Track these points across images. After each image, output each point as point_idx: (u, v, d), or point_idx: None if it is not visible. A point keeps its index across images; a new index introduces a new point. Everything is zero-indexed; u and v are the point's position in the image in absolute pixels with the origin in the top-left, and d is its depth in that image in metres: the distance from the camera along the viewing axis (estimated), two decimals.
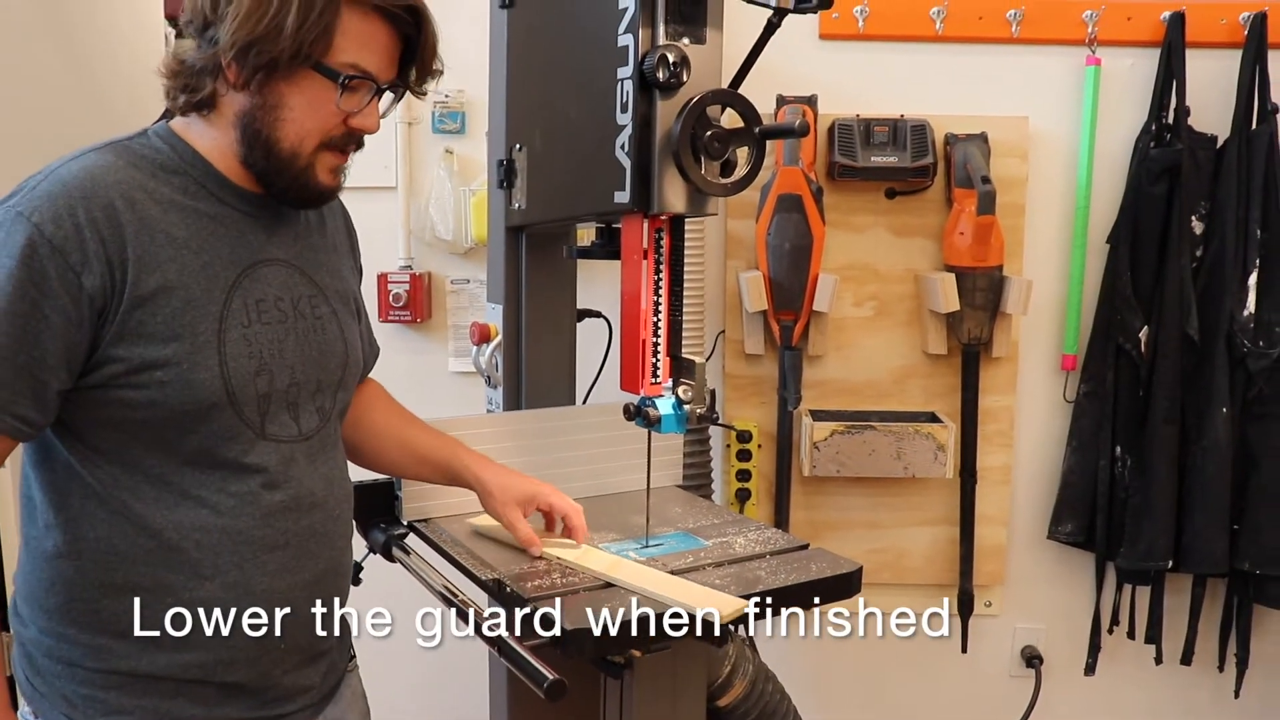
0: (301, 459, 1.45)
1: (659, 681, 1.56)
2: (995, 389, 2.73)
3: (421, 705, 2.94)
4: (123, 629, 1.35)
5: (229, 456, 1.37)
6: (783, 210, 2.51)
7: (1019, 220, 2.68)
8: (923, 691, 2.94)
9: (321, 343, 1.48)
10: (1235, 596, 2.77)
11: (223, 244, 1.38)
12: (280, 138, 1.37)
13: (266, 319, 1.40)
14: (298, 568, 1.44)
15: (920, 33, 2.64)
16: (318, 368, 1.47)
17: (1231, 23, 2.60)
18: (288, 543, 1.42)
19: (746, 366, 2.73)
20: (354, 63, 1.36)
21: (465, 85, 2.66)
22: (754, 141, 1.50)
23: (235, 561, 1.38)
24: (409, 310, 2.69)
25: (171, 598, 1.35)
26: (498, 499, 1.68)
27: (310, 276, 1.49)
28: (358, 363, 1.57)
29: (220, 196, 1.40)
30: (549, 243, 2.03)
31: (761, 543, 1.71)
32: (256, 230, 1.43)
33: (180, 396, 1.31)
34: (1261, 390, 2.61)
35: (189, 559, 1.35)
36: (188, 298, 1.32)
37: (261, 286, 1.41)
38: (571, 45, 1.70)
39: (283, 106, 1.36)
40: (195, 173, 1.39)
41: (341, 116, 1.39)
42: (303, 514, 1.44)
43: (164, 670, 1.37)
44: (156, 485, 1.34)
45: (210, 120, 1.39)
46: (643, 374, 1.58)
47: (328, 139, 1.40)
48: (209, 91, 1.36)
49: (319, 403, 1.48)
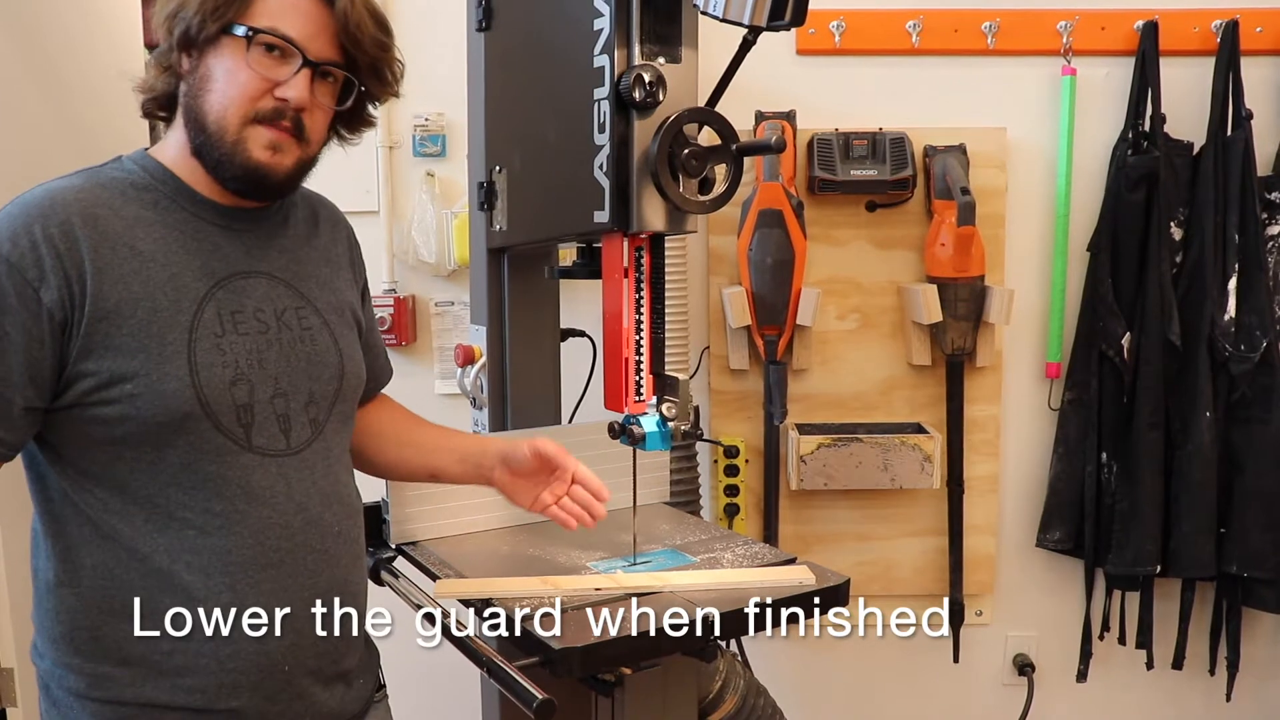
0: (295, 473, 1.41)
1: (650, 699, 1.56)
2: (980, 398, 2.74)
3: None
4: (124, 656, 1.34)
5: (212, 470, 1.34)
6: (764, 225, 2.52)
7: (999, 230, 2.69)
8: (915, 702, 2.94)
9: (311, 353, 1.45)
10: (1224, 600, 2.77)
11: (194, 257, 1.37)
12: (207, 110, 1.35)
13: (244, 329, 1.39)
14: (295, 586, 1.40)
15: (897, 46, 2.66)
16: (307, 378, 1.44)
17: (1204, 31, 2.62)
18: (282, 560, 1.39)
19: (732, 382, 2.74)
20: (272, 27, 1.34)
21: (445, 108, 2.67)
22: (732, 158, 1.51)
23: (227, 582, 1.35)
24: (394, 333, 2.69)
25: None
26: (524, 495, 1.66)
27: (296, 289, 1.47)
28: (357, 375, 1.54)
29: (193, 211, 1.39)
30: (531, 263, 2.04)
31: (749, 557, 1.71)
32: (234, 243, 1.42)
33: (152, 408, 1.30)
34: (1244, 394, 2.62)
35: (181, 582, 1.33)
36: (154, 309, 1.31)
37: (239, 298, 1.39)
38: (548, 67, 1.71)
39: (209, 78, 1.35)
40: (166, 188, 1.39)
41: (267, 85, 1.35)
42: (297, 531, 1.41)
43: (168, 698, 1.35)
44: (145, 507, 1.33)
45: (174, 126, 1.41)
46: (626, 392, 1.58)
47: (254, 110, 1.36)
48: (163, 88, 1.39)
49: (312, 414, 1.45)
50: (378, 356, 1.72)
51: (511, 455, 1.64)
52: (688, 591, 1.55)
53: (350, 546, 1.51)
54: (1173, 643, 2.80)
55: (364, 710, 1.59)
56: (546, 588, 1.56)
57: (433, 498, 1.84)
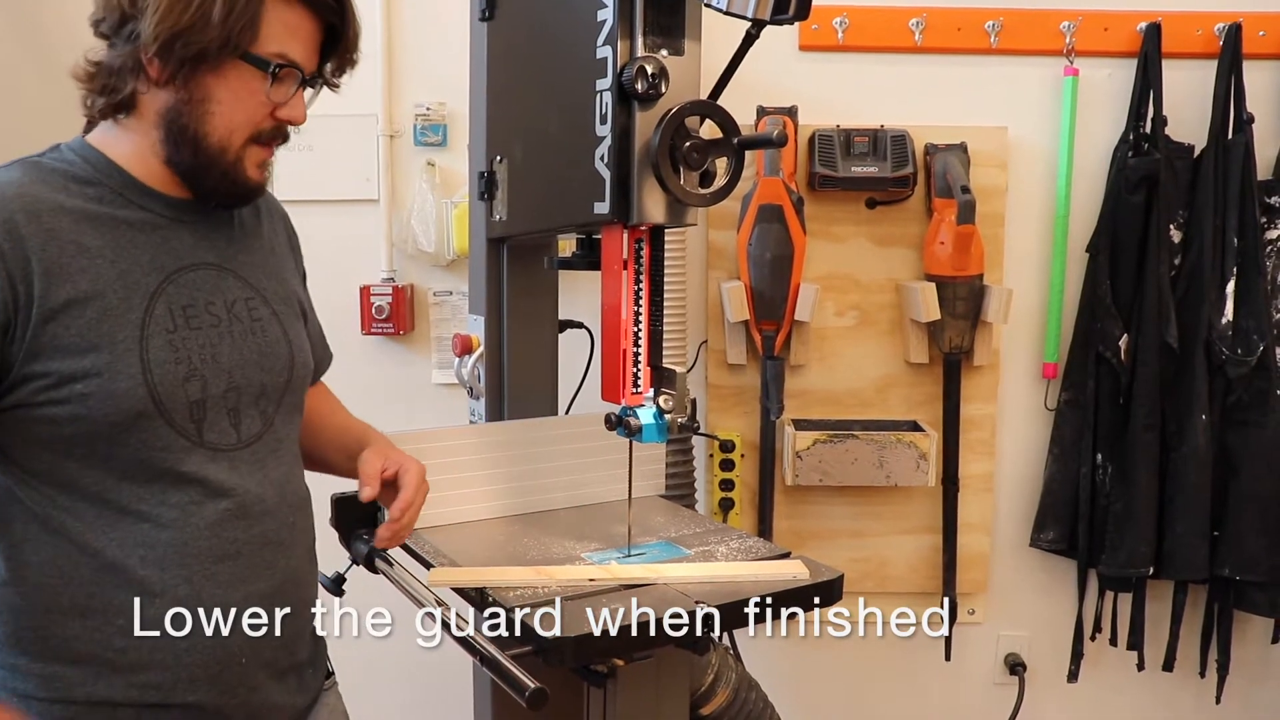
0: (245, 465, 1.41)
1: (642, 690, 1.57)
2: (977, 397, 2.75)
3: (400, 717, 2.93)
4: (73, 655, 1.32)
5: (165, 467, 1.33)
6: (764, 220, 2.52)
7: (999, 229, 2.69)
8: (907, 700, 2.95)
9: (262, 345, 1.44)
10: (1216, 603, 2.78)
11: (143, 251, 1.35)
12: (208, 132, 1.34)
13: (196, 324, 1.37)
14: (252, 578, 1.41)
15: (900, 44, 2.66)
16: (259, 370, 1.44)
17: (1207, 33, 2.62)
18: (239, 552, 1.39)
19: (729, 376, 2.74)
20: (281, 52, 1.34)
21: (446, 98, 2.67)
22: (733, 152, 1.51)
23: (184, 575, 1.34)
24: (392, 323, 2.69)
25: (122, 619, 1.32)
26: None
27: (246, 279, 1.46)
28: (306, 365, 1.54)
29: (140, 204, 1.37)
30: (530, 254, 2.04)
31: (744, 551, 1.71)
32: (182, 235, 1.39)
33: (104, 408, 1.28)
34: (1240, 397, 2.63)
35: (135, 577, 1.32)
36: (104, 307, 1.29)
37: (190, 292, 1.38)
38: (550, 57, 1.71)
39: (210, 100, 1.33)
40: (112, 181, 1.35)
41: (270, 108, 1.36)
42: (252, 522, 1.40)
43: (121, 695, 1.33)
44: (95, 503, 1.31)
45: (127, 124, 1.36)
46: (624, 384, 1.59)
47: (256, 132, 1.37)
48: (129, 92, 1.33)
49: (262, 407, 1.44)
50: (317, 345, 1.69)
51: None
52: (682, 584, 1.55)
53: (302, 537, 1.52)
54: (1164, 644, 2.81)
55: (314, 700, 1.59)
56: (541, 578, 1.56)
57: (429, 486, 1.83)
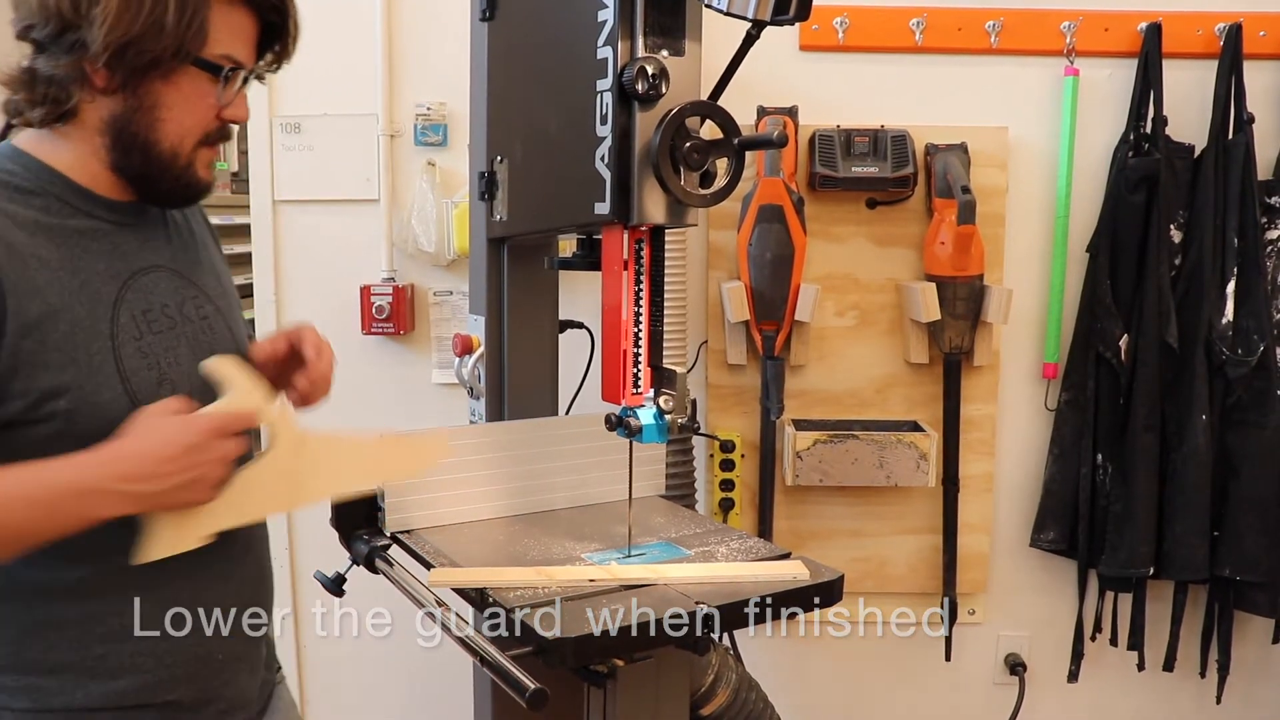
0: None
1: (642, 690, 1.56)
2: (977, 398, 2.75)
3: (401, 716, 2.93)
4: (51, 666, 1.31)
5: None
6: (764, 221, 2.52)
7: (999, 230, 2.69)
8: (907, 700, 2.95)
9: (212, 343, 1.45)
10: (1216, 603, 2.78)
11: (98, 259, 1.33)
12: (159, 139, 1.33)
13: (157, 328, 1.37)
14: (225, 577, 1.43)
15: (900, 44, 2.66)
16: None
17: (1207, 34, 2.62)
18: (213, 552, 1.39)
19: (729, 376, 2.74)
20: (227, 53, 1.33)
21: (447, 98, 2.67)
22: (733, 152, 1.51)
23: (163, 580, 1.35)
24: (392, 322, 2.69)
25: (101, 627, 1.33)
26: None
27: (189, 278, 1.46)
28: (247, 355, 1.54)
29: (86, 211, 1.34)
30: (530, 254, 2.04)
31: (744, 552, 1.71)
32: (130, 240, 1.39)
33: (88, 423, 1.27)
34: (1240, 397, 2.63)
35: (115, 584, 1.33)
36: (73, 320, 1.27)
37: (145, 296, 1.37)
38: (551, 57, 1.71)
39: (160, 106, 1.31)
40: (55, 190, 1.32)
41: (216, 108, 1.35)
42: None
43: (100, 701, 1.34)
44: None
45: (65, 131, 1.33)
46: (624, 384, 1.58)
47: (205, 134, 1.37)
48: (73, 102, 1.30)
49: None
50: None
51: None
52: (682, 584, 1.55)
53: (263, 532, 1.55)
54: (1164, 644, 2.81)
55: (271, 691, 1.61)
56: (541, 578, 1.56)
57: (429, 487, 1.84)
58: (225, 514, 1.36)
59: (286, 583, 2.86)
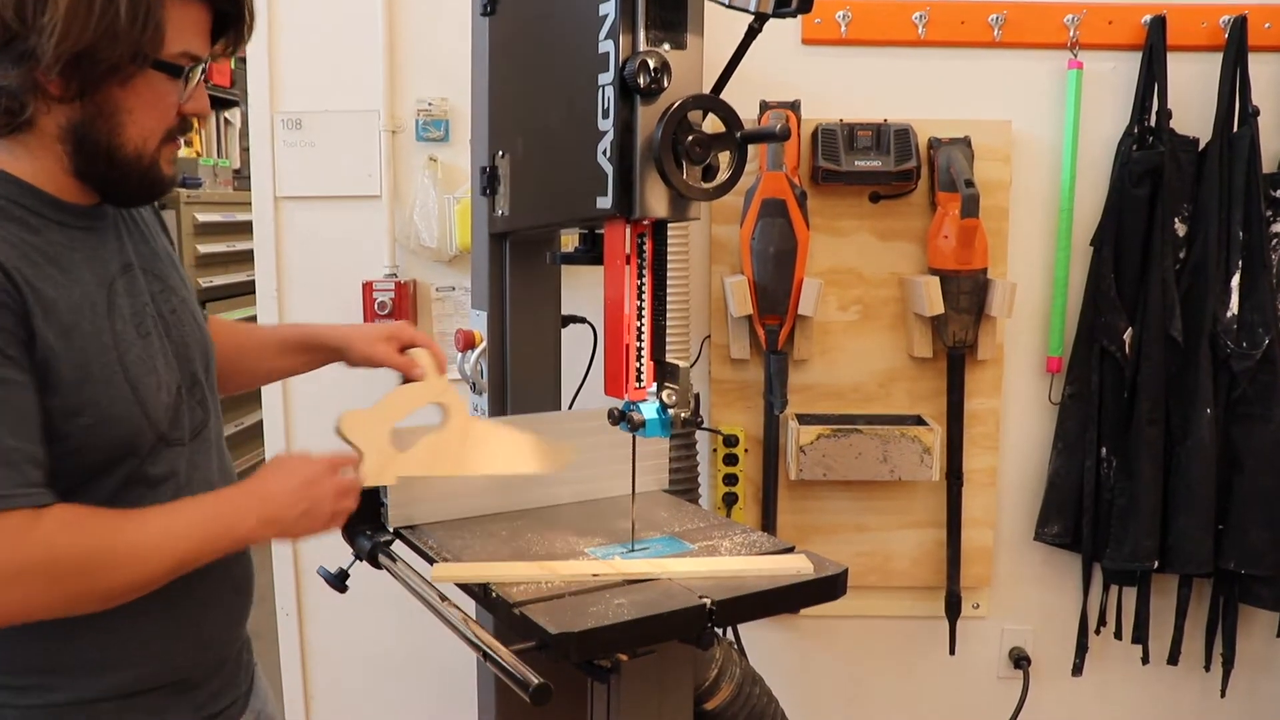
0: (199, 457, 1.45)
1: (645, 685, 1.56)
2: (981, 392, 2.74)
3: (404, 712, 2.93)
4: (51, 665, 1.31)
5: (145, 471, 1.35)
6: (767, 215, 2.52)
7: (1003, 223, 2.69)
8: (911, 694, 2.95)
9: (182, 338, 1.45)
10: (1221, 596, 2.78)
11: (83, 270, 1.31)
12: (123, 143, 1.30)
13: (143, 330, 1.37)
14: (215, 567, 1.41)
15: (903, 37, 2.65)
16: (187, 361, 1.45)
17: (1212, 26, 2.61)
18: None
19: (732, 371, 2.74)
20: (184, 50, 1.30)
21: (448, 93, 2.66)
22: (735, 146, 1.50)
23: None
24: (394, 318, 2.69)
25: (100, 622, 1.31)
26: (360, 342, 1.74)
27: (154, 273, 1.45)
28: (211, 343, 1.55)
29: (60, 221, 1.31)
30: (532, 249, 2.04)
31: (748, 546, 1.71)
32: (101, 244, 1.37)
33: (108, 435, 1.28)
34: (1245, 391, 2.62)
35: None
36: (83, 335, 1.27)
37: (128, 300, 1.36)
38: (552, 52, 1.70)
39: (121, 111, 1.28)
40: (28, 203, 1.28)
41: (175, 104, 1.33)
42: None
43: (99, 693, 1.34)
44: None
45: (23, 140, 1.28)
46: (626, 379, 1.58)
47: (167, 133, 1.34)
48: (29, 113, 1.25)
49: (198, 396, 1.46)
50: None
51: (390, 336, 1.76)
52: (685, 579, 1.55)
53: None
54: (1168, 638, 2.80)
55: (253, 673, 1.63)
56: (544, 573, 1.56)
57: (432, 482, 1.84)
58: (408, 466, 1.70)
59: (290, 578, 2.86)
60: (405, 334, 1.77)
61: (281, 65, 2.68)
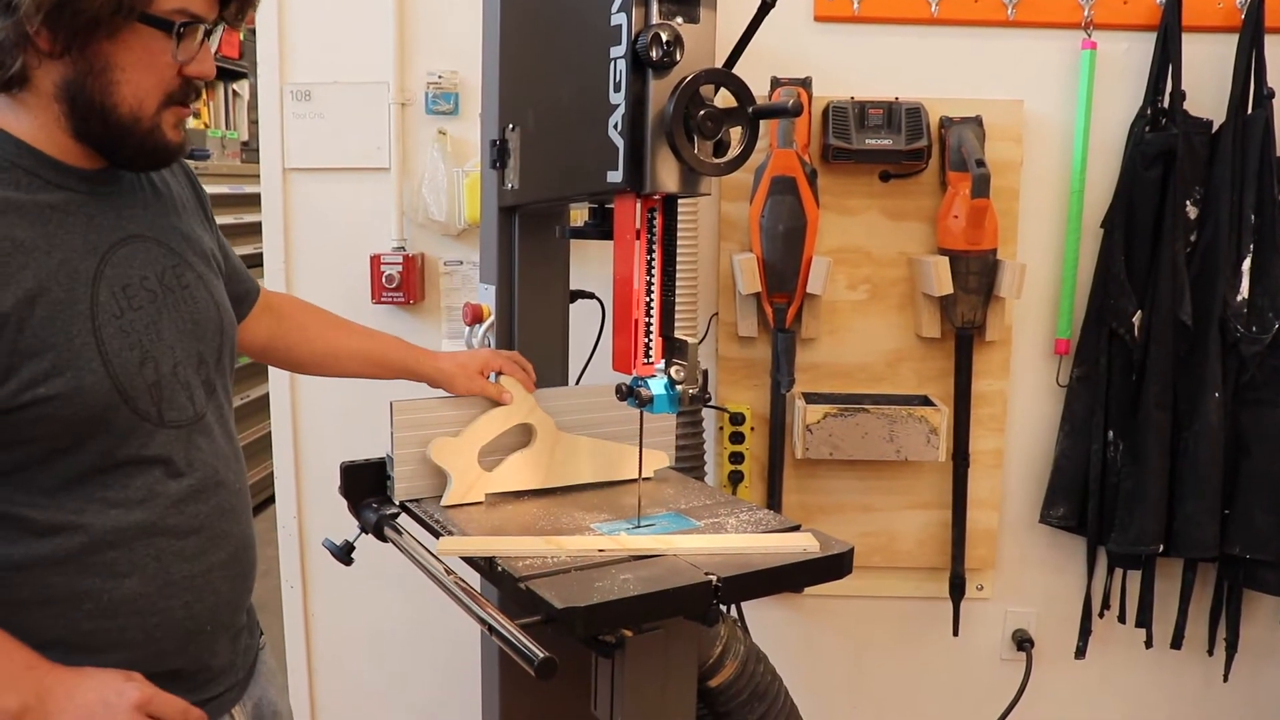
0: (200, 439, 1.41)
1: (650, 661, 1.56)
2: (988, 373, 2.74)
3: (408, 685, 2.94)
4: (39, 640, 1.26)
5: (129, 452, 1.32)
6: (776, 193, 2.51)
7: (1013, 204, 2.67)
8: (914, 675, 2.95)
9: (194, 313, 1.42)
10: (1225, 581, 2.77)
11: (74, 235, 1.29)
12: (117, 103, 1.27)
13: (137, 303, 1.33)
14: (213, 549, 1.42)
15: (915, 15, 2.64)
16: (196, 340, 1.42)
17: (1228, 7, 2.59)
18: (201, 526, 1.40)
19: (739, 349, 2.73)
20: (181, 7, 1.26)
21: (459, 66, 2.65)
22: (747, 121, 1.50)
23: (152, 554, 1.35)
24: (402, 292, 2.68)
25: (89, 603, 1.31)
26: (461, 379, 1.85)
27: (168, 245, 1.42)
28: (232, 324, 1.53)
29: (59, 183, 1.30)
30: (542, 223, 2.03)
31: (754, 524, 1.71)
32: (105, 210, 1.34)
33: (71, 407, 1.25)
34: (1254, 376, 2.61)
35: (104, 560, 1.31)
36: (51, 303, 1.24)
37: (124, 270, 1.33)
38: (564, 24, 1.69)
39: (113, 68, 1.25)
40: (24, 163, 1.27)
41: (177, 67, 1.29)
42: (210, 494, 1.41)
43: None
44: (57, 495, 1.28)
45: (22, 99, 1.27)
46: (635, 354, 1.58)
47: (167, 95, 1.31)
48: (19, 66, 1.23)
49: (204, 376, 1.44)
50: (244, 280, 1.74)
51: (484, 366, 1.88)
52: (691, 555, 1.55)
53: (246, 502, 1.53)
54: (1172, 622, 2.80)
55: (254, 660, 1.61)
56: (550, 547, 1.56)
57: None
58: (497, 483, 1.84)
59: (295, 551, 2.87)
60: (495, 363, 1.88)
61: (291, 36, 2.67)
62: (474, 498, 1.81)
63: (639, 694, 1.56)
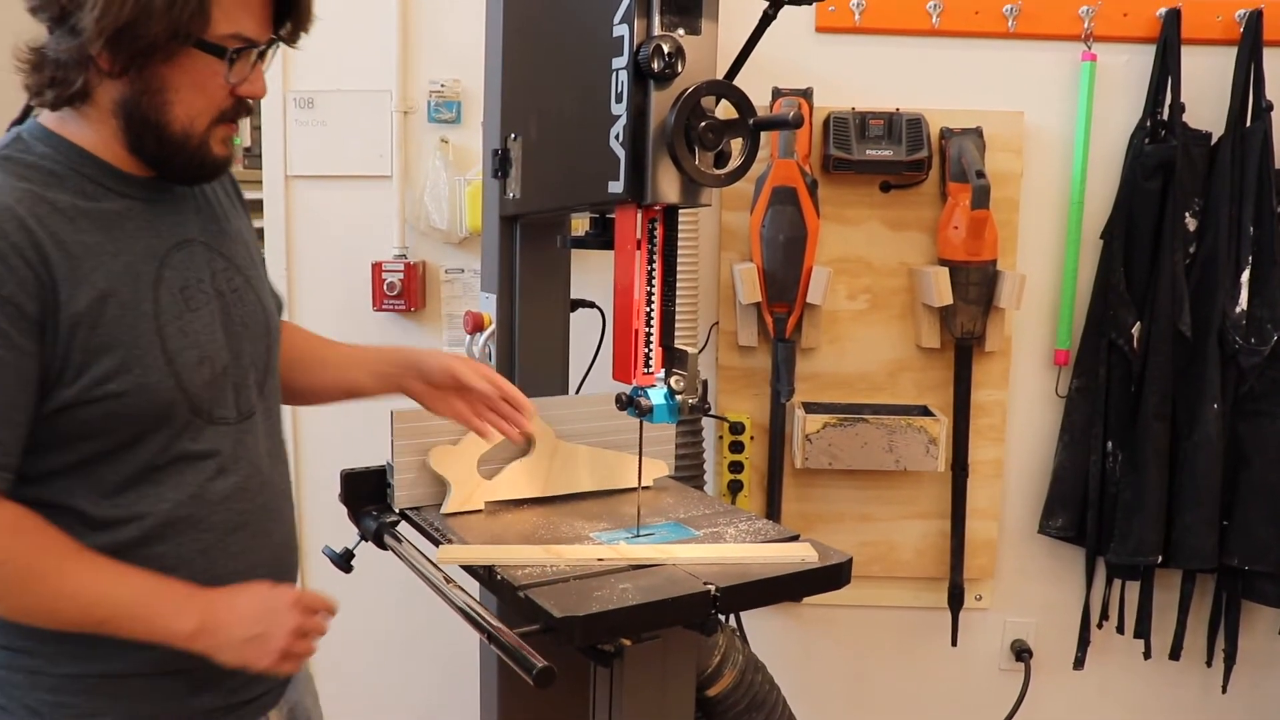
0: (248, 438, 1.44)
1: (649, 671, 1.57)
2: (988, 383, 2.74)
3: (407, 693, 2.94)
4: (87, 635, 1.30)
5: (183, 448, 1.36)
6: (777, 203, 2.51)
7: (1013, 215, 2.68)
8: (913, 684, 2.95)
9: (244, 316, 1.46)
10: (1224, 592, 2.77)
11: (135, 239, 1.34)
12: (169, 121, 1.32)
13: (194, 305, 1.38)
14: (257, 547, 1.44)
15: (916, 26, 2.64)
16: (247, 342, 1.45)
17: (1227, 20, 2.60)
18: (246, 523, 1.42)
19: (739, 358, 2.74)
20: (235, 32, 1.30)
21: (461, 75, 2.66)
22: (748, 133, 1.50)
23: (199, 549, 1.37)
24: (403, 299, 2.69)
25: None
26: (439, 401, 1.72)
27: (219, 250, 1.46)
28: (277, 326, 1.56)
29: (120, 191, 1.35)
30: (543, 232, 2.04)
31: (753, 533, 1.71)
32: (163, 216, 1.39)
33: (137, 405, 1.29)
34: (1253, 387, 2.62)
35: (153, 554, 1.34)
36: (120, 303, 1.29)
37: (182, 273, 1.38)
38: (566, 35, 1.70)
39: (167, 89, 1.30)
40: (88, 171, 1.33)
41: (230, 89, 1.34)
42: (255, 493, 1.44)
43: (134, 668, 1.35)
44: (111, 491, 1.32)
45: (85, 113, 1.33)
46: (635, 364, 1.58)
47: (219, 114, 1.35)
48: (81, 84, 1.29)
49: (255, 377, 1.47)
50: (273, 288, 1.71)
51: (424, 367, 1.69)
52: (690, 565, 1.55)
53: (289, 503, 1.56)
54: (1171, 633, 2.80)
55: None
56: (549, 556, 1.57)
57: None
58: (495, 491, 1.84)
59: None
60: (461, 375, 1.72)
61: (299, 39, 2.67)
62: (474, 506, 1.82)
63: (637, 703, 1.56)
